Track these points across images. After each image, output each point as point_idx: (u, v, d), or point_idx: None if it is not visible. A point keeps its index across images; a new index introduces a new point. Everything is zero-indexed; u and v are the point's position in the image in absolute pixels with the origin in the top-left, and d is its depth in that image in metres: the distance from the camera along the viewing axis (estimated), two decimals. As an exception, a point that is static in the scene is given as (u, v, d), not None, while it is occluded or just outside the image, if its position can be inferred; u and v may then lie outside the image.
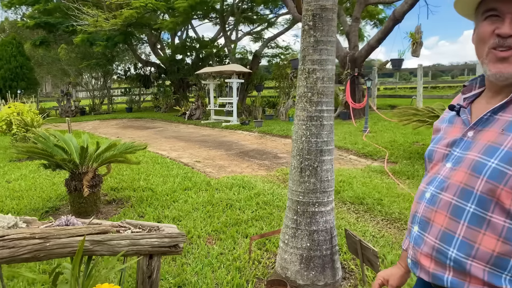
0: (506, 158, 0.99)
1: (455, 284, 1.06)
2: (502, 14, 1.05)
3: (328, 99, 2.97)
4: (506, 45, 1.03)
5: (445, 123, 1.26)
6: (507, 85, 1.08)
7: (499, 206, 1.00)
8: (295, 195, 3.01)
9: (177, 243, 2.27)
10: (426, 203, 1.15)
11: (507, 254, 1.00)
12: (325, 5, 2.83)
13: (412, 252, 1.19)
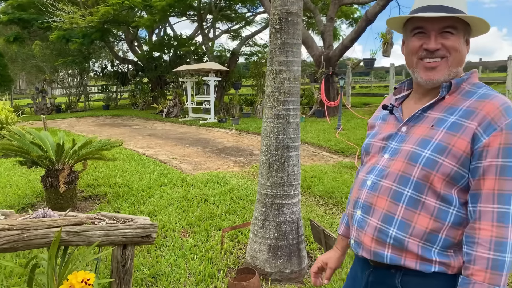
0: (437, 149, 1.19)
1: (393, 259, 1.23)
2: (428, 32, 1.25)
3: (294, 98, 3.15)
4: (433, 57, 1.25)
5: (379, 120, 1.44)
6: (433, 88, 1.29)
7: (432, 190, 1.19)
8: (264, 188, 3.19)
9: (150, 233, 2.42)
10: (368, 189, 1.31)
11: (437, 231, 1.19)
12: (290, 10, 3.01)
13: (355, 233, 1.34)
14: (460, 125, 1.18)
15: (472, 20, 1.23)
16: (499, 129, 1.13)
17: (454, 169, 1.18)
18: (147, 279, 3.13)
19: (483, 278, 1.10)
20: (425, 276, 1.21)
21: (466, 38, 1.28)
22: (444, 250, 1.20)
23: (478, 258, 1.12)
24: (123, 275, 2.44)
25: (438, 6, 1.22)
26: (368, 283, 1.34)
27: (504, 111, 1.15)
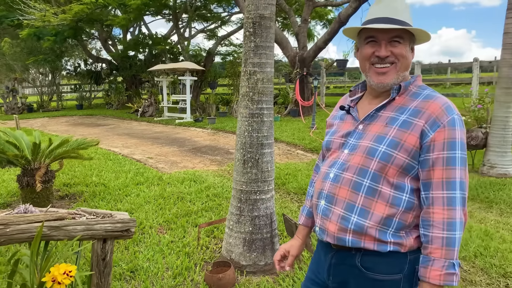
0: (391, 144, 1.36)
1: (354, 243, 1.39)
2: (379, 41, 1.42)
3: (268, 98, 3.30)
4: (384, 63, 1.42)
5: (337, 120, 1.61)
6: (385, 91, 1.47)
7: (387, 180, 1.37)
8: (239, 184, 3.32)
9: (129, 227, 2.52)
10: (331, 181, 1.46)
11: (392, 215, 1.36)
12: (263, 14, 3.16)
13: (320, 221, 1.49)
14: (410, 123, 1.36)
15: (416, 31, 1.42)
16: (442, 126, 1.33)
17: (406, 161, 1.36)
18: (126, 273, 3.22)
19: (440, 254, 1.29)
20: (381, 255, 1.38)
21: (411, 46, 1.46)
22: (397, 232, 1.38)
23: (434, 238, 1.30)
24: (103, 268, 2.53)
25: (387, 19, 1.39)
26: (331, 265, 1.49)
27: (445, 110, 1.35)
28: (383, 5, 1.43)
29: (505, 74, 5.99)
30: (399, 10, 1.40)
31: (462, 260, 3.52)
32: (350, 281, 1.45)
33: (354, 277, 1.43)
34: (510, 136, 6.15)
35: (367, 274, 1.40)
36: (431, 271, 1.30)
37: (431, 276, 1.30)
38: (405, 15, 1.41)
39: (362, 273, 1.41)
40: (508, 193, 5.30)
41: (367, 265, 1.40)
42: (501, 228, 4.24)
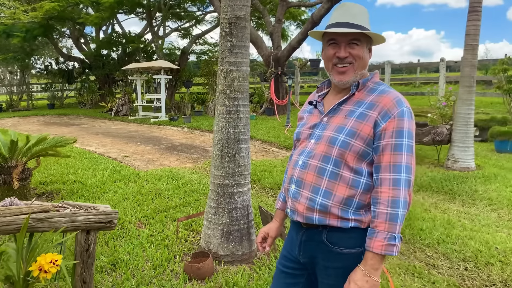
0: (349, 134, 1.54)
1: (320, 220, 1.57)
2: (339, 43, 1.61)
3: (244, 95, 3.45)
4: (343, 63, 1.61)
5: (307, 113, 1.79)
6: (346, 87, 1.65)
7: (347, 165, 1.55)
8: (217, 178, 3.46)
9: (111, 219, 2.62)
10: (300, 168, 1.64)
11: (352, 196, 1.54)
12: (239, 15, 3.31)
13: (291, 204, 1.66)
14: (366, 114, 1.55)
15: (371, 34, 1.61)
16: (393, 117, 1.51)
17: (362, 148, 1.53)
18: (107, 266, 3.31)
19: (383, 228, 1.46)
20: (344, 231, 1.56)
21: (368, 47, 1.65)
22: (357, 210, 1.56)
23: (380, 214, 1.48)
24: (86, 259, 2.63)
25: (346, 23, 1.58)
26: (301, 242, 1.67)
27: (396, 103, 1.53)
28: (343, 11, 1.61)
29: (467, 73, 6.34)
30: (357, 16, 1.59)
31: (426, 247, 3.77)
32: (318, 256, 1.62)
33: (321, 251, 1.61)
34: (472, 132, 6.51)
35: (332, 248, 1.58)
36: (374, 241, 1.46)
37: (374, 246, 1.46)
38: (362, 20, 1.59)
39: (328, 247, 1.58)
40: (469, 185, 5.63)
41: (332, 240, 1.58)
42: (462, 217, 4.53)
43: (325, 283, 1.63)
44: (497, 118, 9.26)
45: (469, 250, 3.66)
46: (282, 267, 1.80)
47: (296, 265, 1.74)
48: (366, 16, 1.62)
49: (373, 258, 1.47)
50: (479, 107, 12.28)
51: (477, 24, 6.17)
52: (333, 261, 1.59)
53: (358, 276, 1.48)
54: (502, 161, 7.10)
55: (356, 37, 1.59)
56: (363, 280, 1.47)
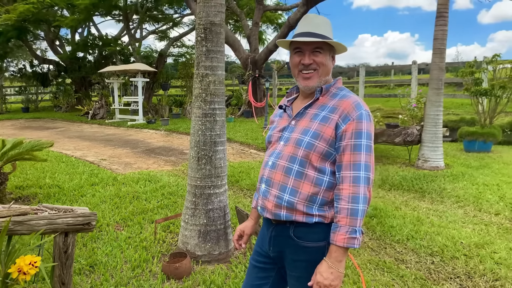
0: (314, 136, 1.66)
1: (287, 217, 1.68)
2: (304, 51, 1.74)
3: (220, 99, 3.55)
4: (308, 69, 1.74)
5: (277, 117, 1.90)
6: (312, 92, 1.78)
7: (311, 165, 1.66)
8: (194, 180, 3.55)
9: (90, 221, 2.68)
10: (269, 168, 1.75)
11: (316, 193, 1.66)
12: (214, 21, 3.41)
13: (261, 202, 1.78)
14: (328, 118, 1.67)
15: (333, 43, 1.74)
16: (352, 119, 1.63)
17: (325, 149, 1.66)
18: (85, 268, 3.35)
19: (345, 222, 1.58)
20: (309, 226, 1.68)
21: (332, 55, 1.78)
22: (321, 207, 1.67)
23: (342, 209, 1.59)
24: (65, 260, 2.68)
25: (310, 33, 1.70)
26: (271, 237, 1.79)
27: (355, 107, 1.65)
28: (307, 22, 1.74)
29: (435, 76, 6.60)
30: (319, 26, 1.71)
31: (396, 243, 3.94)
32: (286, 250, 1.74)
33: (289, 246, 1.72)
34: (441, 132, 6.77)
35: (298, 243, 1.69)
36: (337, 235, 1.58)
37: (337, 239, 1.57)
38: (325, 30, 1.72)
39: (295, 242, 1.70)
40: (439, 183, 5.86)
41: (298, 235, 1.69)
42: (431, 214, 4.74)
43: (293, 275, 1.75)
44: (466, 119, 9.62)
45: (436, 245, 3.85)
46: (255, 262, 1.91)
47: (267, 260, 1.85)
48: (329, 27, 1.75)
49: (337, 250, 1.58)
50: (450, 108, 12.70)
51: (444, 28, 6.44)
52: (299, 254, 1.70)
53: (323, 268, 1.59)
54: (470, 160, 7.39)
55: (319, 45, 1.72)
56: (328, 271, 1.58)
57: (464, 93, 8.78)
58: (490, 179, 6.04)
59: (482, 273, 3.35)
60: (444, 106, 13.87)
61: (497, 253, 3.67)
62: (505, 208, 4.88)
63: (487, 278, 3.28)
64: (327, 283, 1.57)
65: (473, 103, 8.49)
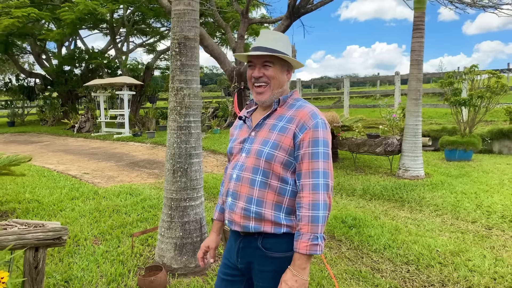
0: (273, 146, 1.70)
1: (256, 228, 1.69)
2: (255, 64, 1.78)
3: (195, 111, 3.58)
4: (259, 82, 1.78)
5: (237, 129, 1.93)
6: (269, 104, 1.82)
7: (274, 174, 1.69)
8: (169, 193, 3.56)
9: (61, 235, 2.68)
10: (234, 181, 1.77)
11: (280, 202, 1.69)
12: (188, 36, 3.46)
13: (228, 215, 1.79)
14: (286, 128, 1.71)
15: (283, 57, 1.77)
16: (308, 128, 1.67)
17: (285, 158, 1.69)
18: (60, 283, 3.32)
19: (307, 229, 1.60)
20: (278, 237, 1.70)
21: (287, 69, 1.82)
22: (288, 216, 1.70)
23: (303, 217, 1.61)
24: (35, 276, 2.66)
25: (261, 47, 1.75)
26: (239, 249, 1.80)
27: (311, 116, 1.69)
28: (261, 37, 1.80)
29: (414, 87, 6.72)
30: (271, 41, 1.76)
31: (373, 252, 3.97)
32: (254, 261, 1.75)
33: (257, 257, 1.74)
34: (421, 142, 6.87)
35: (267, 253, 1.71)
36: (300, 243, 1.60)
37: (300, 247, 1.60)
38: (278, 45, 1.76)
39: (263, 252, 1.72)
40: (418, 192, 5.94)
41: (266, 246, 1.71)
42: (409, 223, 4.79)
43: (261, 286, 1.76)
44: (448, 128, 9.77)
45: (412, 253, 3.89)
46: (223, 275, 1.92)
47: (235, 272, 1.86)
48: (283, 42, 1.79)
49: (300, 258, 1.60)
50: (433, 118, 12.88)
51: (420, 40, 6.58)
52: (267, 265, 1.72)
53: (288, 277, 1.61)
54: (450, 169, 7.50)
55: (269, 59, 1.76)
56: (293, 280, 1.59)
57: (444, 103, 8.93)
58: (468, 188, 6.13)
59: (456, 281, 3.39)
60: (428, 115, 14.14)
61: (472, 261, 3.72)
62: (482, 216, 4.95)
63: (460, 285, 3.32)
64: None
65: (453, 112, 8.64)
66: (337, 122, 8.05)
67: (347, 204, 5.55)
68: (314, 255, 1.62)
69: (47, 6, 16.27)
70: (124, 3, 14.81)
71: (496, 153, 9.60)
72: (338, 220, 4.73)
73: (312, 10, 11.24)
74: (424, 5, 6.65)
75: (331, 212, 4.98)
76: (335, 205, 5.48)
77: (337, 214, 4.95)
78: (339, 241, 4.27)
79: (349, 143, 7.80)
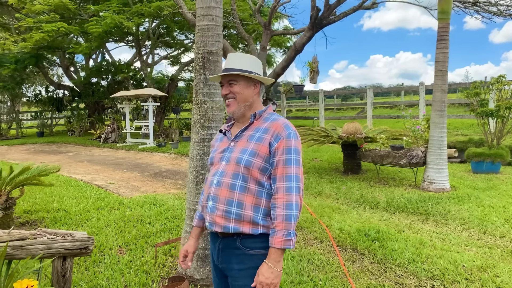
0: (251, 154, 1.91)
1: (236, 229, 1.88)
2: (224, 84, 2.04)
3: (218, 124, 3.64)
4: (228, 98, 2.03)
5: (218, 141, 2.15)
6: (241, 117, 2.05)
7: (252, 179, 1.91)
8: (192, 204, 3.61)
9: (87, 245, 2.76)
10: (215, 186, 1.96)
11: (259, 204, 1.90)
12: (211, 50, 3.54)
13: (209, 217, 1.96)
14: (262, 138, 1.94)
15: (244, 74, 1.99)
16: (282, 138, 1.91)
17: (262, 165, 1.91)
18: (86, 292, 3.41)
19: (281, 226, 1.81)
20: (255, 237, 1.90)
21: (254, 83, 2.03)
22: (264, 217, 1.91)
23: (278, 215, 1.82)
24: (63, 284, 2.74)
25: (226, 69, 2.02)
26: (219, 250, 1.99)
27: (284, 127, 1.93)
28: (227, 60, 2.05)
29: (438, 98, 6.62)
30: (236, 62, 2.00)
31: (397, 267, 3.91)
32: (233, 260, 1.93)
33: (236, 256, 1.92)
34: (446, 154, 6.75)
35: (245, 251, 1.90)
36: (275, 238, 1.80)
37: (275, 242, 1.80)
38: (243, 64, 2.00)
39: (242, 251, 1.90)
40: (443, 206, 5.82)
41: (245, 245, 1.91)
42: (434, 237, 4.70)
43: (238, 285, 1.93)
44: (475, 139, 9.55)
45: (438, 268, 3.81)
46: (213, 277, 2.14)
47: (218, 273, 2.08)
48: (249, 61, 2.02)
49: (275, 252, 1.81)
50: (459, 129, 12.63)
51: (445, 51, 6.50)
52: (246, 262, 1.91)
53: (264, 269, 1.81)
54: (477, 182, 7.32)
55: (233, 78, 2.01)
56: (269, 271, 1.79)
57: (471, 114, 8.75)
58: (496, 201, 5.97)
59: (482, 298, 3.31)
60: (454, 126, 13.87)
61: (499, 277, 3.62)
62: (511, 230, 4.82)
63: (488, 302, 3.24)
64: (268, 282, 1.78)
65: (480, 123, 8.46)
66: (360, 133, 7.99)
67: (370, 217, 5.49)
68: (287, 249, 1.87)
69: (76, 21, 16.81)
70: (149, 16, 15.17)
71: (526, 165, 9.32)
72: (361, 233, 4.68)
73: (335, 21, 11.25)
74: (448, 16, 6.58)
75: (353, 225, 4.95)
76: (358, 218, 5.42)
77: (360, 227, 4.90)
78: (362, 255, 4.23)
79: (373, 154, 7.73)
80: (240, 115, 2.04)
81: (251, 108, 2.06)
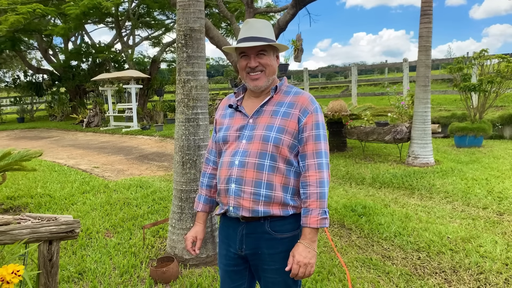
0: (279, 130, 1.76)
1: (265, 212, 1.75)
2: (249, 55, 1.82)
3: (202, 103, 3.59)
4: (255, 71, 1.82)
5: (228, 117, 1.92)
6: (262, 91, 1.87)
7: (281, 158, 1.76)
8: (179, 185, 3.58)
9: (73, 228, 2.71)
10: (237, 167, 1.77)
11: (288, 183, 1.78)
12: (193, 27, 3.45)
13: (233, 201, 1.78)
14: (289, 113, 1.79)
15: (275, 45, 1.83)
16: (310, 113, 1.79)
17: (291, 141, 1.77)
18: (74, 275, 3.38)
19: (316, 205, 1.71)
20: (285, 219, 1.78)
21: (276, 55, 1.89)
22: (293, 197, 1.79)
23: (311, 194, 1.73)
24: (50, 268, 2.70)
25: (252, 37, 1.78)
26: (243, 236, 1.81)
27: (311, 101, 1.81)
28: (248, 27, 1.82)
29: (422, 74, 6.65)
30: (260, 30, 1.80)
31: (383, 240, 3.97)
32: (262, 245, 1.79)
33: (265, 240, 1.79)
34: (430, 129, 6.82)
35: (275, 235, 1.78)
36: (310, 218, 1.71)
37: (311, 222, 1.71)
38: (266, 32, 1.81)
39: (271, 235, 1.78)
40: (428, 180, 5.91)
41: (275, 229, 1.78)
42: (419, 210, 4.78)
43: (271, 269, 1.80)
44: (458, 114, 9.68)
45: (423, 241, 3.88)
46: (226, 267, 1.93)
47: (236, 261, 1.88)
48: (270, 29, 1.85)
49: (311, 232, 1.71)
50: (442, 104, 12.76)
51: (428, 26, 6.49)
52: (277, 247, 1.78)
53: (301, 249, 1.70)
54: (460, 156, 7.44)
55: (263, 48, 1.81)
56: (306, 251, 1.70)
57: (454, 89, 8.84)
58: (479, 174, 6.09)
59: (467, 267, 3.38)
60: (437, 102, 14.00)
61: (483, 247, 3.70)
62: (493, 202, 4.92)
63: (472, 271, 3.31)
64: (306, 261, 1.69)
65: (463, 98, 8.55)
66: (345, 110, 8.01)
67: (357, 193, 5.54)
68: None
69: (52, 2, 16.30)
70: (128, -4, 14.81)
71: (507, 139, 9.49)
72: (348, 209, 4.73)
73: (318, -2, 11.13)
74: (431, -11, 6.55)
75: (340, 201, 5.00)
76: (345, 194, 5.47)
77: (346, 202, 4.95)
78: (349, 230, 4.28)
79: (358, 131, 7.77)
80: (265, 89, 1.87)
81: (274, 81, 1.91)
